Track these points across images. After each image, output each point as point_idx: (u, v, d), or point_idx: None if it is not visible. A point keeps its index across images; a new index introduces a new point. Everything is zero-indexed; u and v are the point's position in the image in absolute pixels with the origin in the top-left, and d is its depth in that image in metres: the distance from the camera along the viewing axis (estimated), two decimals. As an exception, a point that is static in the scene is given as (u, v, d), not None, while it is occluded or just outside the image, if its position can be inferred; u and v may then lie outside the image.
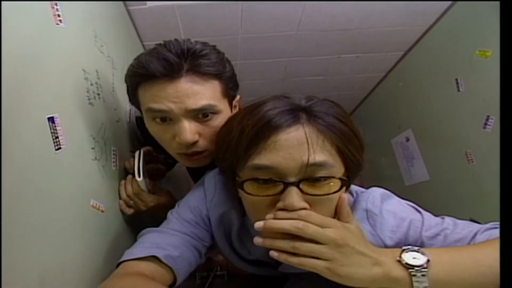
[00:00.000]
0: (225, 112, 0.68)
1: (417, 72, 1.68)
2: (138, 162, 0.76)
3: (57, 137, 0.53)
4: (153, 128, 0.68)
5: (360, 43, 1.59)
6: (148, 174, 0.79)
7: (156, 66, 0.61)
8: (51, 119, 0.52)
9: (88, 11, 0.77)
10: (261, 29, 1.44)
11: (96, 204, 0.65)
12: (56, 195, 0.52)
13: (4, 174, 0.40)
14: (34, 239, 0.45)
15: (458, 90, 1.40)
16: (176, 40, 0.65)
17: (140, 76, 0.63)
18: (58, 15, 0.60)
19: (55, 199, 0.51)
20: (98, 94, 0.74)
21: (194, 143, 0.66)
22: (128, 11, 1.25)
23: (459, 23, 1.37)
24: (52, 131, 0.52)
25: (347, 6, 1.33)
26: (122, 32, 1.12)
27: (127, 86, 0.69)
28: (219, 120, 0.66)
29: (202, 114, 0.64)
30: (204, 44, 0.67)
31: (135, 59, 0.67)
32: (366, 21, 1.43)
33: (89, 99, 0.68)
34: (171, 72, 0.61)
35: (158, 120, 0.65)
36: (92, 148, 0.67)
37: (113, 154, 0.78)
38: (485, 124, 1.28)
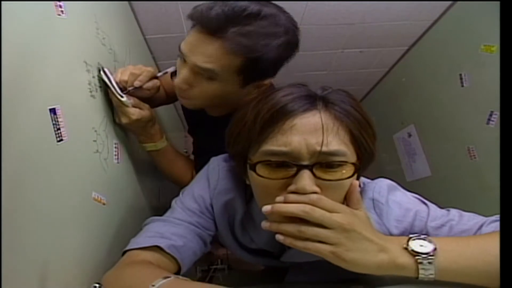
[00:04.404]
0: (224, 83, 0.72)
1: (420, 67, 1.66)
2: (109, 80, 0.73)
3: (58, 129, 0.53)
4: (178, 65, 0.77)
5: (364, 38, 1.58)
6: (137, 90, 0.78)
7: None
8: (52, 111, 0.52)
9: (90, 3, 0.77)
10: (263, 22, 1.43)
11: (97, 197, 0.65)
12: (57, 187, 0.52)
13: (5, 165, 0.40)
14: (35, 231, 0.46)
15: (462, 86, 1.39)
16: None
17: None
18: (60, 6, 0.59)
19: (56, 191, 0.51)
20: (100, 87, 0.74)
21: (186, 90, 0.75)
22: (130, 4, 1.24)
23: (463, 17, 1.35)
24: (54, 122, 0.52)
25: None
26: (124, 25, 1.11)
27: None
28: (212, 87, 0.73)
29: (205, 74, 0.71)
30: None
31: None
32: (370, 16, 1.42)
33: (90, 92, 0.68)
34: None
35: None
36: (94, 141, 0.67)
37: (115, 147, 0.77)
38: (489, 119, 1.27)
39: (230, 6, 0.65)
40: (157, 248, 0.56)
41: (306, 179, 0.46)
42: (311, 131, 0.47)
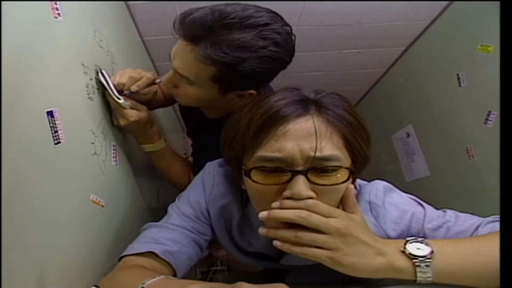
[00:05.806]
0: (203, 89, 0.74)
1: (418, 67, 1.67)
2: (107, 82, 0.74)
3: (56, 132, 0.53)
4: None
5: (362, 38, 1.58)
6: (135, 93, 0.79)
7: None
8: (50, 113, 0.52)
9: (87, 5, 0.77)
10: (261, 23, 1.43)
11: (96, 199, 0.64)
12: (55, 189, 0.52)
13: (3, 168, 0.39)
14: (34, 233, 0.45)
15: (460, 86, 1.39)
16: None
17: None
18: (57, 9, 0.59)
19: (54, 194, 0.51)
20: (98, 89, 0.73)
21: (170, 89, 0.80)
22: (127, 6, 1.24)
23: (461, 17, 1.35)
24: (51, 125, 0.52)
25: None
26: (121, 26, 1.11)
27: None
28: (192, 90, 0.75)
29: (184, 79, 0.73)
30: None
31: None
32: (368, 16, 1.42)
33: (88, 94, 0.68)
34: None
35: None
36: (92, 143, 0.67)
37: (113, 149, 0.77)
38: (486, 119, 1.27)
39: (213, 13, 0.64)
40: (151, 254, 0.56)
41: (301, 185, 0.46)
42: (304, 136, 0.47)
